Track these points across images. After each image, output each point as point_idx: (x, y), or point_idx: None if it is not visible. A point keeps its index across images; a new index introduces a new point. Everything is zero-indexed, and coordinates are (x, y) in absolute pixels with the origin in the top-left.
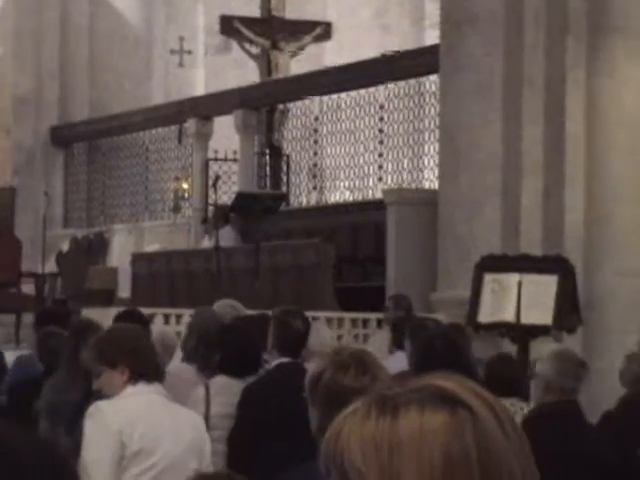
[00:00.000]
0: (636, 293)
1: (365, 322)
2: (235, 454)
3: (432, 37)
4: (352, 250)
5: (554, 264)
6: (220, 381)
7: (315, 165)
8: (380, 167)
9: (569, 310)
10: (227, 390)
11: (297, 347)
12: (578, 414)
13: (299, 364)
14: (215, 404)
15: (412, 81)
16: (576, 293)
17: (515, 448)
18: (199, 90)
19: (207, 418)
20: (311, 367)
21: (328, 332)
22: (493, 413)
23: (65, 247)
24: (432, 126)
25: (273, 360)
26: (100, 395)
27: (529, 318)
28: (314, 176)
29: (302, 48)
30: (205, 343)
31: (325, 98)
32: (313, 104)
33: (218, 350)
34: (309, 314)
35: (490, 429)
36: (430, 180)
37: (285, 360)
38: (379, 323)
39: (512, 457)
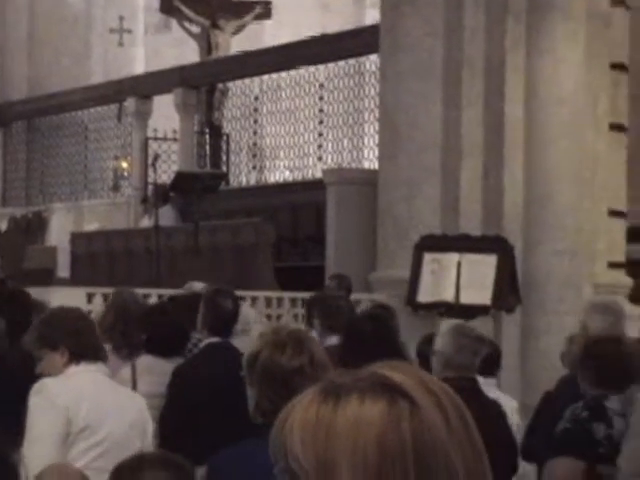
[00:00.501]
0: (575, 273)
1: (305, 302)
2: (167, 434)
3: (373, 17)
4: (292, 230)
5: (493, 244)
6: (146, 361)
7: (255, 144)
8: (320, 147)
9: (508, 290)
10: (154, 370)
11: (227, 327)
12: (475, 391)
13: (229, 343)
14: (143, 383)
15: (352, 61)
16: (515, 273)
17: (459, 442)
18: (139, 69)
19: None
20: (247, 346)
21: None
22: (438, 405)
23: (3, 226)
24: (372, 106)
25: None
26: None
27: (468, 298)
28: (254, 155)
29: (242, 27)
30: (124, 320)
31: (265, 77)
32: (253, 83)
33: (144, 330)
34: (249, 293)
35: (431, 421)
36: (370, 160)
37: (215, 340)
38: None
39: (453, 451)
